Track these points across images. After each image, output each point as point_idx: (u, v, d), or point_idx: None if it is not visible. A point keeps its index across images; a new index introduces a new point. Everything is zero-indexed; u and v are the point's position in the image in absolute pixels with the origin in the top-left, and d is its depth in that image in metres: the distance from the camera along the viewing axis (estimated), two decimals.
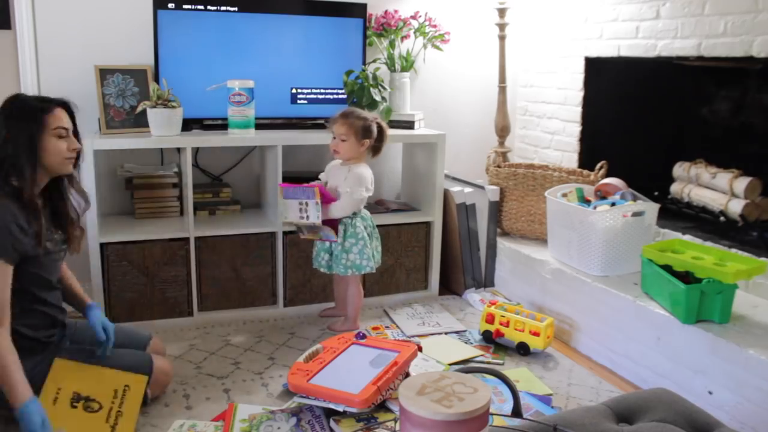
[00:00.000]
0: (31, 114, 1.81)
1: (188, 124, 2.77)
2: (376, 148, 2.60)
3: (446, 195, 3.05)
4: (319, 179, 2.65)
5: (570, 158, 3.25)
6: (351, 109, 2.59)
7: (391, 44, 3.19)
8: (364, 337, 2.29)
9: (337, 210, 2.51)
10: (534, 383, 2.27)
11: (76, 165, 1.93)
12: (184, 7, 2.75)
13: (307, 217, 2.47)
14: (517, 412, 1.45)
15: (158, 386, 2.07)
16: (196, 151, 3.00)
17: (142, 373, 1.97)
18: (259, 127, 2.81)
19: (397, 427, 1.02)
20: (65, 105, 1.89)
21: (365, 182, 2.55)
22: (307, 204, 2.46)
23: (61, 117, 1.85)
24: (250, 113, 2.70)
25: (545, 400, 2.15)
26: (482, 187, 3.08)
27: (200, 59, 2.82)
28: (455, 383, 1.02)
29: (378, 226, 2.94)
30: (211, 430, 1.92)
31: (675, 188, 3.01)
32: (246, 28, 2.86)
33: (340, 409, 1.92)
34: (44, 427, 1.68)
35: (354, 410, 1.92)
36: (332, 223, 2.52)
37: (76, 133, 1.91)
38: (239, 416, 1.98)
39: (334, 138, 2.55)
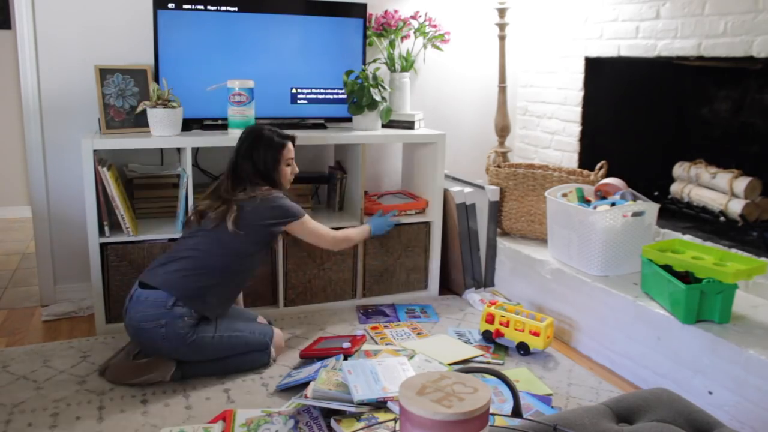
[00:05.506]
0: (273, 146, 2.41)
1: (188, 124, 2.78)
2: None
3: (446, 195, 3.05)
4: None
5: (570, 158, 3.25)
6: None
7: (391, 44, 3.19)
8: None
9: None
10: (534, 383, 2.27)
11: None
12: (184, 7, 2.75)
13: None
14: (517, 412, 1.46)
15: (279, 349, 2.42)
16: (196, 151, 3.00)
17: (267, 335, 2.37)
18: None
19: (397, 427, 1.02)
20: (294, 139, 2.48)
21: None
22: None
23: (291, 149, 2.45)
24: (250, 113, 2.70)
25: (545, 400, 2.15)
26: (482, 187, 3.08)
27: (200, 59, 2.82)
28: (455, 383, 1.02)
29: None
30: None
31: (675, 188, 3.01)
32: (246, 28, 2.86)
33: (339, 408, 1.93)
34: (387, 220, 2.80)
35: (352, 410, 1.92)
36: None
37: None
38: (239, 421, 1.98)
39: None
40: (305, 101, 3.02)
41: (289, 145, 2.45)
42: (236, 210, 2.28)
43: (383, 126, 3.06)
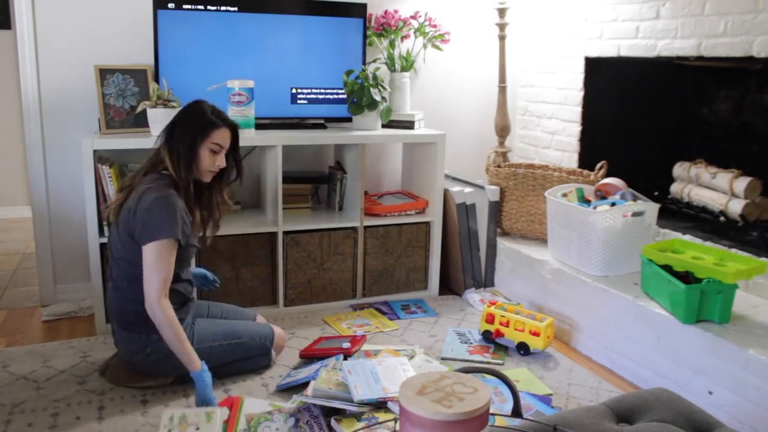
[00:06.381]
0: (202, 123, 2.09)
1: None
2: None
3: (446, 195, 3.05)
4: None
5: (570, 158, 3.25)
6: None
7: (391, 44, 3.19)
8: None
9: None
10: (534, 383, 2.27)
11: (218, 180, 2.21)
12: (184, 7, 2.75)
13: None
14: (517, 412, 1.46)
15: (279, 349, 2.40)
16: None
17: (267, 339, 2.32)
18: (259, 127, 2.81)
19: (397, 427, 1.02)
20: (234, 128, 2.16)
21: None
22: None
23: (224, 136, 2.12)
24: (250, 113, 2.70)
25: (545, 400, 2.15)
26: (482, 187, 3.08)
27: (200, 59, 2.82)
28: (455, 383, 1.02)
29: (378, 226, 2.95)
30: (203, 419, 1.89)
31: (675, 188, 3.01)
32: (246, 28, 2.86)
33: (340, 406, 1.93)
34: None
35: (353, 409, 1.92)
36: None
37: (235, 158, 2.21)
38: (245, 410, 2.00)
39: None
40: (305, 101, 3.02)
41: (225, 131, 2.12)
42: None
43: (383, 126, 3.06)
